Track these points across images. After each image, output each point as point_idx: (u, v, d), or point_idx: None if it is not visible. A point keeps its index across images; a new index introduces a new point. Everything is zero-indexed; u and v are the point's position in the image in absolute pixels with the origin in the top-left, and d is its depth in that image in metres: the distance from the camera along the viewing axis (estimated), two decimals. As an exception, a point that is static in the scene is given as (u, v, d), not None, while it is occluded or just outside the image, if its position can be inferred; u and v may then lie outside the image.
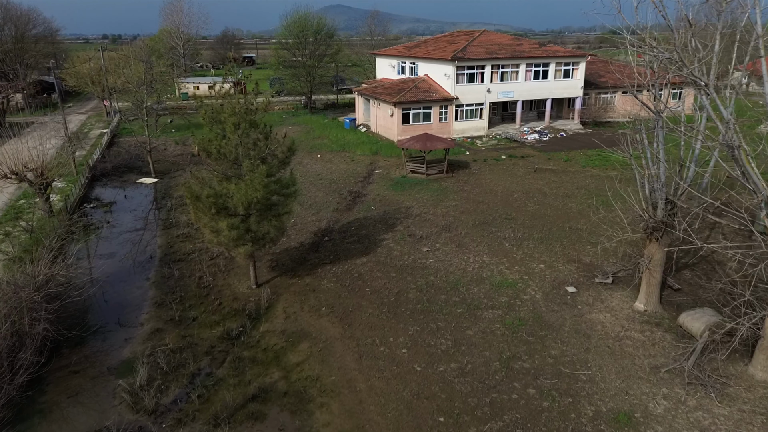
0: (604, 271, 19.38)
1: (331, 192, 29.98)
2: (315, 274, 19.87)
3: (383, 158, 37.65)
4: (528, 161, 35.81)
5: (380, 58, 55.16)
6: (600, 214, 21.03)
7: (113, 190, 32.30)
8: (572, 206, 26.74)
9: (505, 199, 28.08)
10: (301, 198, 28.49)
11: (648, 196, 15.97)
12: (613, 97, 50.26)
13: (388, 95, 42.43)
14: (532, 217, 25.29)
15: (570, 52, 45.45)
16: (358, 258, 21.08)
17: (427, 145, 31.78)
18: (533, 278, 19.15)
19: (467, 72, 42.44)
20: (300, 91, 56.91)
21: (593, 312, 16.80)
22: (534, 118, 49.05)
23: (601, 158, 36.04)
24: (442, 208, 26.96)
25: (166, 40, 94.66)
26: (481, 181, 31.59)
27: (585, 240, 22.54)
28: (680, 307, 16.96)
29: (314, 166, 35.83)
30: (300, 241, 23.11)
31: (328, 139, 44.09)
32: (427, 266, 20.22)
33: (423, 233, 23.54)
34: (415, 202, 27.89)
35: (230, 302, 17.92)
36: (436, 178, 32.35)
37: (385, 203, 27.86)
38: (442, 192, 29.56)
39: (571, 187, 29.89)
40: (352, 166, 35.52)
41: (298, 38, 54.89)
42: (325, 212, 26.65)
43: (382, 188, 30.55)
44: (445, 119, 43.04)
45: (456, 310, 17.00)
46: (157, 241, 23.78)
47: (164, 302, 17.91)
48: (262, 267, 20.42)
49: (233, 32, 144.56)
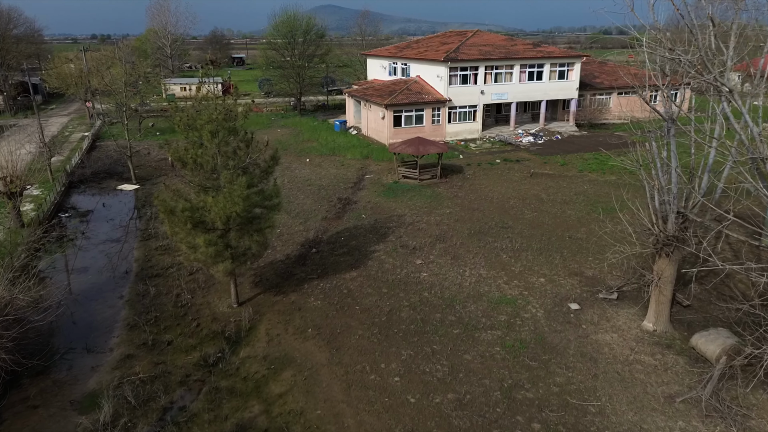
0: (608, 286, 18.29)
1: (320, 199, 28.71)
2: (301, 290, 18.60)
3: (374, 162, 36.44)
4: (523, 165, 34.73)
5: (371, 58, 53.93)
6: (606, 228, 19.87)
7: (91, 197, 30.81)
8: (571, 214, 25.66)
9: (501, 206, 26.96)
10: (288, 206, 27.22)
11: (658, 208, 14.84)
12: (608, 98, 49.38)
13: (380, 97, 41.22)
14: (529, 226, 24.18)
15: (565, 53, 44.50)
16: (348, 272, 19.84)
17: (419, 149, 30.60)
18: (533, 294, 18.01)
19: (460, 73, 41.32)
20: (289, 92, 55.56)
21: (599, 332, 15.68)
22: (528, 120, 48.04)
23: (599, 162, 35.06)
24: (436, 216, 25.78)
25: (153, 40, 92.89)
26: (476, 186, 30.46)
27: (586, 251, 21.45)
28: (691, 325, 15.89)
29: (303, 170, 34.54)
30: (286, 253, 21.83)
31: (317, 142, 42.80)
32: (420, 281, 19.02)
33: (416, 244, 22.34)
34: (408, 210, 26.69)
35: (209, 323, 16.61)
36: (429, 184, 31.18)
37: (376, 211, 26.64)
38: (435, 198, 28.39)
39: (569, 193, 28.83)
40: (342, 171, 34.26)
41: (286, 38, 53.54)
42: (314, 221, 25.38)
43: (374, 194, 29.33)
44: (438, 122, 41.89)
45: (452, 330, 15.80)
46: (134, 254, 22.39)
47: (137, 324, 16.56)
48: (244, 283, 19.13)
49: (222, 32, 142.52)
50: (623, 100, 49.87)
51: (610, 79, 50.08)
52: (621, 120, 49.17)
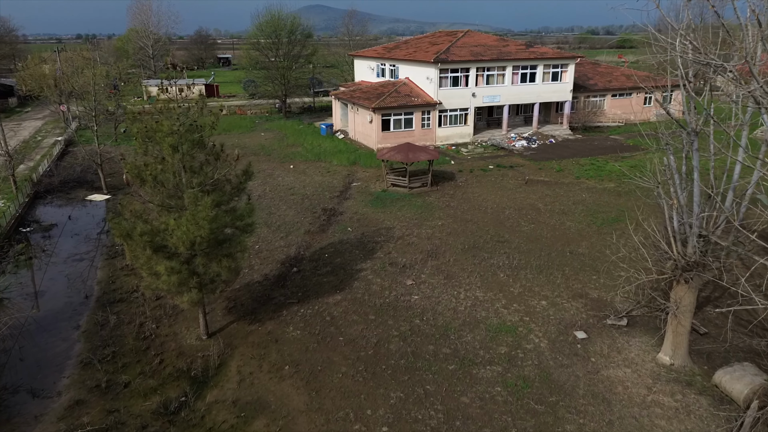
0: (616, 310, 16.72)
1: (304, 210, 26.91)
2: (279, 317, 16.80)
3: (362, 169, 34.70)
4: (517, 172, 33.20)
5: (359, 59, 52.19)
6: (619, 253, 18.29)
7: (57, 209, 28.71)
8: (570, 226, 24.12)
9: (495, 217, 25.35)
10: (269, 218, 25.42)
11: (677, 230, 13.25)
12: (603, 100, 48.08)
13: (367, 100, 39.49)
14: (527, 240, 22.59)
15: (559, 54, 43.10)
16: (331, 295, 18.08)
17: (409, 156, 28.91)
18: (535, 320, 16.38)
19: (451, 75, 39.72)
20: (273, 94, 53.62)
21: (610, 366, 14.08)
22: (521, 123, 46.58)
23: (596, 168, 33.62)
24: (427, 228, 24.11)
25: (135, 40, 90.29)
26: (469, 195, 28.83)
27: (590, 268, 19.88)
28: (711, 357, 14.36)
29: (286, 178, 32.70)
30: (264, 273, 20.01)
31: (302, 147, 40.96)
32: (411, 305, 17.31)
33: (406, 261, 20.64)
34: (397, 222, 24.99)
35: (173, 359, 14.77)
36: (420, 192, 29.51)
37: (363, 223, 24.91)
38: (426, 209, 26.72)
39: (567, 203, 27.30)
40: (328, 179, 32.48)
41: (270, 38, 51.59)
42: (296, 235, 23.57)
43: (361, 205, 27.59)
44: (428, 126, 40.24)
45: (447, 366, 14.12)
46: (97, 274, 20.44)
47: (92, 362, 14.66)
48: (216, 309, 17.30)
49: (208, 32, 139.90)
50: (617, 102, 48.65)
51: (604, 80, 48.81)
52: (615, 123, 47.93)
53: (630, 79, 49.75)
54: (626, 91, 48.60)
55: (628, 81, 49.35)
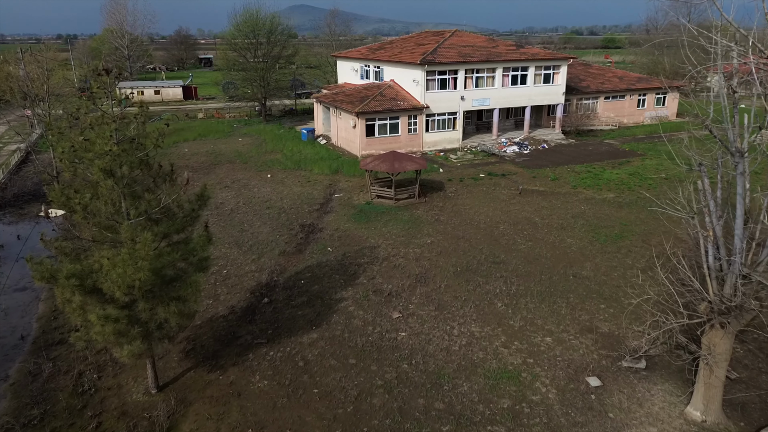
0: (631, 350, 14.64)
1: (280, 226, 24.54)
2: (245, 362, 14.47)
3: (345, 178, 32.41)
4: (510, 180, 31.16)
5: (342, 60, 49.89)
6: (648, 295, 16.18)
7: (7, 227, 25.99)
8: (571, 243, 22.08)
9: (489, 233, 23.24)
10: (240, 236, 23.02)
11: (712, 266, 11.18)
12: (595, 103, 46.32)
13: (350, 104, 37.20)
14: (525, 260, 20.49)
15: (551, 55, 41.22)
16: (306, 333, 15.78)
17: (395, 166, 26.69)
18: (540, 362, 14.25)
19: (438, 77, 37.59)
20: (252, 96, 51.07)
21: (632, 424, 11.98)
22: (511, 128, 44.64)
23: (593, 176, 31.70)
24: (415, 247, 21.91)
25: (111, 40, 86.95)
26: (459, 207, 26.70)
27: (597, 294, 17.82)
28: (747, 410, 12.34)
29: (263, 189, 30.27)
30: (231, 304, 17.63)
31: (282, 153, 38.53)
32: (398, 345, 15.09)
33: (392, 288, 18.41)
34: (382, 239, 22.76)
35: (114, 422, 12.36)
36: (407, 205, 27.31)
37: (345, 241, 22.63)
38: (414, 224, 24.52)
39: (565, 216, 25.29)
40: (308, 189, 30.13)
41: (248, 38, 49.06)
42: (269, 257, 21.21)
43: (343, 219, 25.30)
44: (415, 131, 38.07)
45: (441, 428, 11.90)
46: (38, 308, 17.91)
47: (14, 428, 12.19)
48: (172, 352, 14.91)
49: (188, 31, 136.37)
50: (610, 104, 46.95)
51: (596, 82, 47.08)
52: (609, 126, 46.22)
53: (623, 81, 48.13)
54: (619, 93, 46.91)
55: (621, 83, 47.69)
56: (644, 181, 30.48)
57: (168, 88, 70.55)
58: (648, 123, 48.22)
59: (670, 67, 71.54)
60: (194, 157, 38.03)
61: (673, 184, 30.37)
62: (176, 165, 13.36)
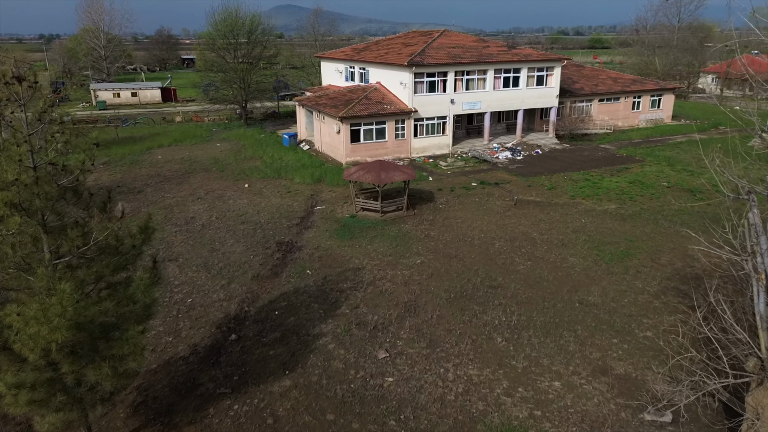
0: (653, 397, 12.70)
1: (254, 244, 22.35)
2: (204, 419, 12.29)
3: (328, 187, 30.26)
4: (504, 190, 29.24)
5: (326, 61, 47.71)
6: (690, 359, 14.19)
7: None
8: (574, 263, 20.18)
9: (484, 252, 21.27)
10: (210, 257, 20.81)
11: (764, 314, 9.24)
12: (590, 105, 44.67)
13: (334, 108, 35.07)
14: (525, 284, 18.53)
15: (544, 56, 39.43)
16: (278, 379, 13.64)
17: (381, 176, 24.62)
18: (550, 415, 12.26)
19: (427, 79, 35.60)
20: (232, 99, 48.69)
21: (664, 501, 10.02)
22: (503, 132, 42.80)
23: (591, 185, 29.89)
24: (404, 268, 19.86)
25: (88, 40, 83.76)
26: (451, 221, 24.70)
27: (607, 326, 15.90)
28: (796, 478, 10.43)
29: (239, 201, 28.02)
30: (193, 342, 15.43)
31: (261, 160, 36.28)
32: (384, 394, 13.01)
33: (378, 319, 16.34)
34: (368, 259, 20.68)
35: (37, 507, 10.12)
36: (394, 218, 25.26)
37: (326, 262, 20.51)
38: (402, 240, 22.48)
39: (565, 230, 23.41)
40: (288, 201, 27.94)
41: (227, 38, 46.70)
42: (241, 281, 19.02)
43: (324, 236, 23.18)
44: (403, 136, 36.04)
45: None
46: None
47: None
48: (118, 407, 12.68)
49: (170, 31, 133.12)
50: (605, 107, 45.34)
51: (590, 84, 45.45)
52: (604, 130, 44.59)
53: (617, 83, 46.56)
54: (614, 95, 45.32)
55: (616, 84, 46.11)
56: (646, 190, 28.73)
57: (146, 90, 67.81)
58: (643, 126, 46.70)
59: (662, 68, 70.43)
60: (167, 165, 35.63)
61: (678, 193, 28.80)
62: (113, 192, 11.13)
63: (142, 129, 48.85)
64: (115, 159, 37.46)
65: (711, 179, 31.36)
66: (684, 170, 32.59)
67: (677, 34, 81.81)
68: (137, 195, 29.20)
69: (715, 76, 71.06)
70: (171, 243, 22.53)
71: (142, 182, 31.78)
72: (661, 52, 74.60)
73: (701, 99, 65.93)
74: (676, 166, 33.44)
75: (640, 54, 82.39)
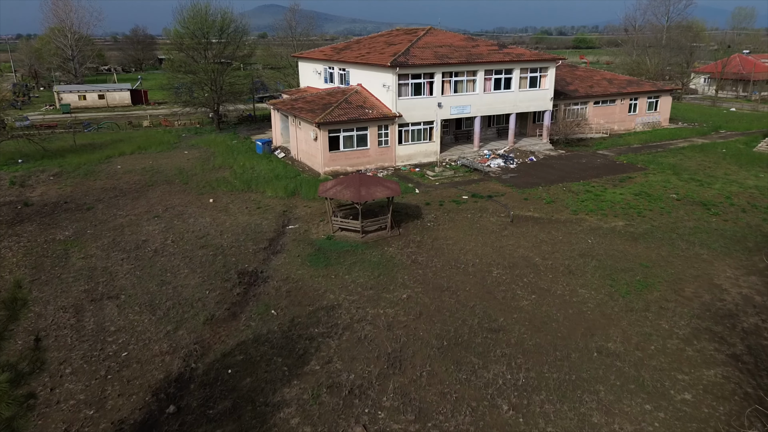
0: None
1: (213, 275, 19.13)
2: None
3: (303, 202, 27.11)
4: (498, 204, 26.36)
5: (304, 61, 44.50)
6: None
7: None
8: (585, 296, 17.30)
9: (480, 282, 18.31)
10: (157, 292, 17.58)
11: None
12: (584, 109, 42.08)
13: (311, 112, 31.91)
14: (531, 326, 15.60)
15: (538, 56, 36.68)
16: (223, 475, 10.48)
17: (361, 193, 21.55)
18: None
19: (412, 81, 32.62)
20: (202, 102, 45.23)
21: None
22: (493, 137, 40.02)
23: (593, 197, 27.13)
24: (387, 305, 16.82)
25: (54, 40, 79.39)
26: (441, 243, 21.73)
27: (634, 384, 13.00)
28: None
29: (200, 219, 24.73)
30: (119, 417, 12.17)
31: (231, 170, 32.97)
32: (360, 497, 9.93)
33: (354, 379, 13.27)
34: (345, 294, 17.60)
35: None
36: (377, 239, 22.21)
37: (295, 299, 17.37)
38: (385, 268, 19.44)
39: (571, 254, 20.56)
40: (257, 219, 24.73)
41: (196, 37, 43.23)
42: (190, 326, 15.79)
43: (296, 263, 20.05)
44: (386, 143, 33.00)
45: None
46: None
47: None
48: None
49: (145, 30, 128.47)
50: (600, 110, 42.81)
51: (584, 85, 42.88)
52: (599, 134, 42.04)
53: (613, 84, 44.06)
54: (609, 97, 42.80)
55: (611, 86, 43.62)
56: (654, 204, 26.05)
57: (114, 92, 63.85)
58: (640, 130, 44.27)
59: (654, 68, 68.39)
60: (126, 177, 32.14)
61: (689, 207, 26.22)
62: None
63: (105, 135, 45.15)
64: (68, 169, 33.85)
65: (722, 190, 29.17)
66: (692, 179, 30.01)
67: (666, 34, 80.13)
68: (85, 213, 25.72)
69: (708, 76, 69.21)
70: (114, 275, 19.19)
71: (94, 197, 28.29)
72: (651, 52, 72.64)
73: (694, 100, 63.96)
74: (682, 175, 30.86)
75: (629, 54, 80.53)
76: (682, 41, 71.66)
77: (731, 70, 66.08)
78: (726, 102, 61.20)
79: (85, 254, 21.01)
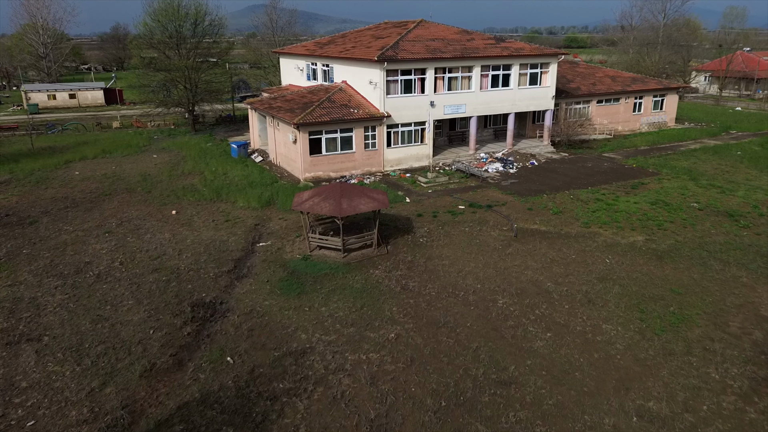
0: None
1: (161, 307, 15.86)
2: None
3: (279, 214, 23.91)
4: (499, 215, 23.31)
5: (285, 58, 41.29)
6: None
7: None
8: (612, 334, 14.25)
9: (484, 315, 15.21)
10: (90, 331, 14.30)
11: None
12: (587, 108, 39.19)
13: (290, 112, 28.71)
14: (549, 377, 12.51)
15: (538, 50, 33.69)
16: None
17: (342, 206, 18.38)
18: None
19: (401, 78, 29.50)
20: (176, 101, 41.82)
21: None
22: (490, 139, 37.00)
23: (605, 207, 24.15)
24: (371, 348, 13.67)
25: (26, 36, 75.46)
26: (436, 263, 18.61)
27: (692, 467, 9.93)
28: None
29: (158, 235, 21.44)
30: None
31: (201, 176, 29.67)
32: None
33: (325, 460, 10.09)
34: (320, 333, 14.42)
35: None
36: (361, 259, 19.05)
37: (258, 339, 14.17)
38: (370, 297, 16.29)
39: (588, 277, 17.52)
40: (223, 234, 21.48)
41: (168, 32, 39.82)
42: (122, 381, 12.52)
43: (263, 290, 16.83)
44: (374, 146, 29.85)
45: None
46: None
47: None
48: None
49: (126, 28, 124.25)
50: (603, 109, 39.95)
51: (587, 83, 40.00)
52: (603, 135, 39.18)
53: (616, 82, 41.22)
54: (613, 96, 39.95)
55: (615, 84, 40.78)
56: (675, 214, 23.12)
57: (86, 92, 60.19)
58: (645, 131, 41.48)
59: (652, 66, 65.78)
60: (82, 184, 28.71)
61: (715, 218, 23.38)
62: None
63: (68, 137, 41.56)
64: (19, 176, 30.35)
65: (747, 198, 26.26)
66: (711, 185, 27.14)
67: (662, 32, 77.70)
68: (26, 229, 22.32)
69: (710, 74, 66.75)
70: (41, 308, 15.86)
71: (41, 208, 24.87)
72: (649, 50, 70.13)
73: (696, 99, 61.44)
74: (699, 181, 27.99)
75: (626, 52, 78.01)
76: (680, 39, 69.18)
77: (734, 68, 63.67)
78: (729, 101, 58.76)
79: (13, 281, 17.64)
